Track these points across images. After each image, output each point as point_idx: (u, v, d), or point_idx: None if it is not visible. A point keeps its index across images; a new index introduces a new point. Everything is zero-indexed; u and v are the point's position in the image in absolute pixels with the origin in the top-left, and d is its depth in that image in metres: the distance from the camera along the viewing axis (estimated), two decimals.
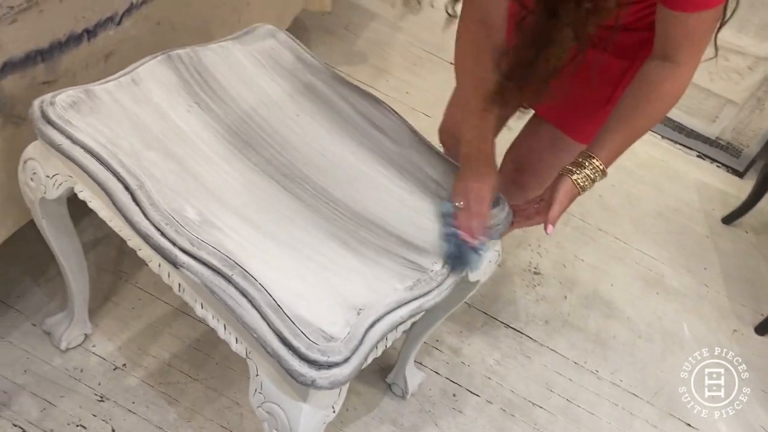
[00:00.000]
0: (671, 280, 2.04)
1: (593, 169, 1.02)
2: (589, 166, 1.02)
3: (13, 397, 1.26)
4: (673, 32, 0.94)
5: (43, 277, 1.43)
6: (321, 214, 0.95)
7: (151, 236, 0.86)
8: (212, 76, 1.08)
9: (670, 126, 2.68)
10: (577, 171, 1.02)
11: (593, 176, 1.02)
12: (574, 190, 1.02)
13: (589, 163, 1.02)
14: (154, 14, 1.20)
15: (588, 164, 1.02)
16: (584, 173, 1.02)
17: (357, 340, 0.81)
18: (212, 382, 1.38)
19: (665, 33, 0.96)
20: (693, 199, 2.42)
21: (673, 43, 0.95)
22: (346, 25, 2.50)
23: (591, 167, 1.02)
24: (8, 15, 0.89)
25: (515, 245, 1.96)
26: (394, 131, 1.13)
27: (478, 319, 1.72)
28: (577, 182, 1.02)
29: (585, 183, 1.02)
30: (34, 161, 0.98)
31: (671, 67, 0.97)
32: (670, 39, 0.95)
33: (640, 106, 1.00)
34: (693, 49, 0.95)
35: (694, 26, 0.92)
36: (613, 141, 1.02)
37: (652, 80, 0.99)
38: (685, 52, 0.95)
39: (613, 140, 1.02)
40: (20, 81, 0.98)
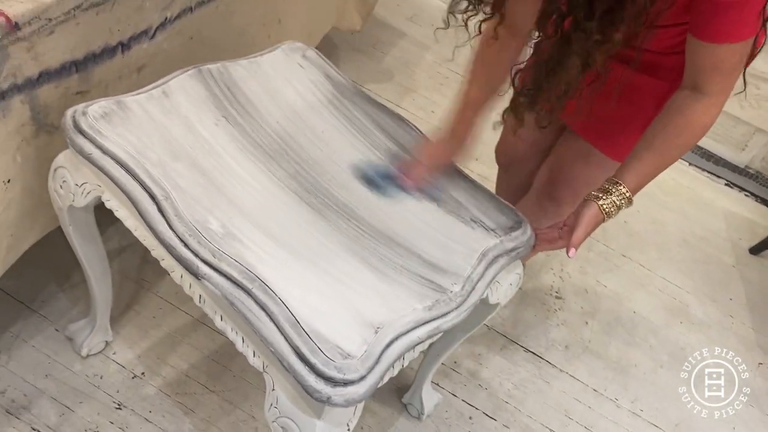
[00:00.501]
0: (696, 309, 2.01)
1: (620, 195, 1.01)
2: (616, 193, 1.01)
3: (33, 400, 1.27)
4: (702, 63, 0.94)
5: (67, 283, 1.46)
6: (342, 231, 0.96)
7: (174, 247, 0.87)
8: (241, 91, 1.10)
9: (697, 153, 2.65)
10: (603, 196, 1.02)
11: (619, 203, 1.02)
12: (599, 216, 1.02)
13: (615, 189, 1.01)
14: (187, 29, 1.22)
15: (614, 190, 1.01)
16: (610, 199, 1.01)
17: (374, 358, 0.81)
18: (228, 394, 1.38)
19: (694, 63, 0.96)
20: (720, 228, 2.38)
21: (703, 74, 0.95)
22: (375, 43, 2.53)
23: (617, 193, 1.01)
24: (46, 27, 0.92)
25: (537, 269, 1.94)
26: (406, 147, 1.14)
27: (497, 342, 1.70)
28: (602, 207, 1.01)
29: (611, 209, 1.02)
30: (64, 169, 1.00)
31: (701, 97, 0.97)
32: (699, 70, 0.95)
33: (669, 136, 1.00)
34: (722, 80, 0.95)
35: (723, 58, 0.92)
36: (640, 168, 1.02)
37: (682, 110, 0.99)
38: (715, 84, 0.95)
39: (641, 168, 1.02)
40: (55, 91, 1.01)
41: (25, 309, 1.39)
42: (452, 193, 1.09)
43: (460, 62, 2.57)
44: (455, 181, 1.11)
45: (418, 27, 2.69)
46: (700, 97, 0.96)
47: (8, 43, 0.87)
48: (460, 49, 1.07)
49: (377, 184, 1.05)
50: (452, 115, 1.13)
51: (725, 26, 0.89)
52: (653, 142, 1.01)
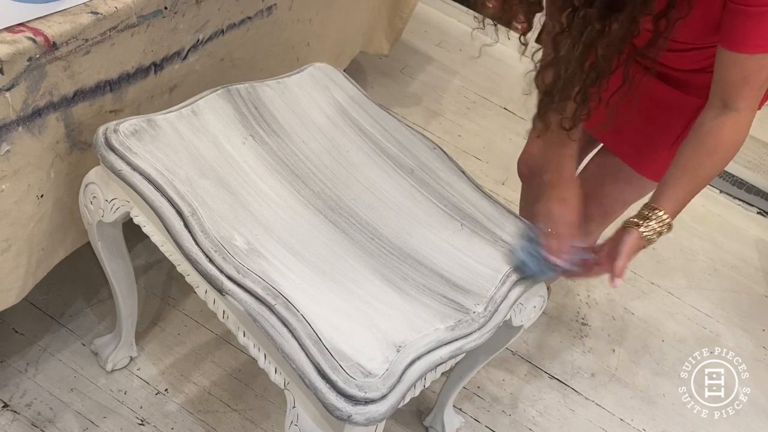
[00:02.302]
0: (727, 339, 1.96)
1: (659, 221, 0.99)
2: (655, 219, 0.99)
3: (58, 414, 1.29)
4: (731, 76, 0.93)
5: (95, 299, 1.48)
6: (365, 249, 0.96)
7: (199, 262, 0.88)
8: (268, 111, 1.12)
9: (729, 180, 2.61)
10: (643, 224, 0.99)
11: (659, 229, 0.99)
12: (641, 243, 1.00)
13: (654, 216, 0.99)
14: (218, 51, 1.25)
15: (653, 216, 0.99)
16: (651, 226, 0.99)
17: (395, 377, 0.81)
18: (250, 413, 1.38)
19: (723, 78, 0.95)
20: (752, 257, 2.33)
21: (732, 88, 0.94)
22: (402, 68, 2.55)
23: (657, 219, 0.99)
24: (83, 47, 0.95)
25: (563, 295, 1.92)
26: (443, 172, 1.14)
27: (521, 368, 1.68)
28: (643, 235, 0.99)
29: (651, 235, 0.99)
30: (95, 185, 1.02)
31: (730, 114, 0.95)
32: (728, 84, 0.94)
33: (702, 156, 0.99)
34: (751, 95, 0.94)
35: (753, 70, 0.91)
36: (676, 192, 1.00)
37: (711, 131, 0.97)
38: (743, 98, 0.94)
39: (676, 192, 1.00)
40: (89, 109, 1.03)
41: (53, 323, 1.41)
42: (475, 214, 1.08)
43: (487, 87, 2.59)
44: (479, 203, 1.11)
45: (446, 52, 2.71)
46: (729, 113, 0.95)
47: (46, 62, 0.90)
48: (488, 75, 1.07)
49: (531, 268, 1.03)
50: (556, 169, 1.09)
51: (757, 36, 0.89)
52: (686, 164, 1.00)
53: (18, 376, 1.32)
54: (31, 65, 0.88)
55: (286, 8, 1.39)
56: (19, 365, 1.34)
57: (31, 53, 0.87)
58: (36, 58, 0.88)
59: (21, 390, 1.30)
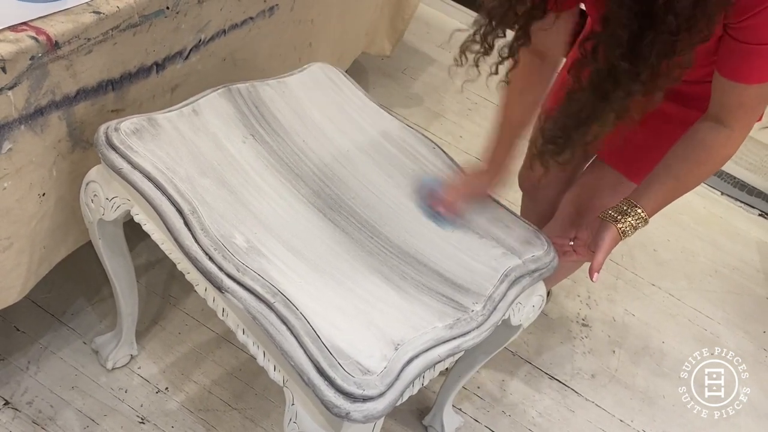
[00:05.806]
0: (727, 341, 1.96)
1: (637, 217, 1.02)
2: (633, 215, 1.02)
3: (59, 411, 1.29)
4: (728, 101, 0.95)
5: (97, 297, 1.48)
6: (364, 248, 0.97)
7: (199, 260, 0.89)
8: (268, 110, 1.12)
9: (730, 182, 2.61)
10: (621, 218, 1.03)
11: (636, 224, 1.03)
12: (618, 238, 1.03)
13: (633, 212, 1.02)
14: (220, 51, 1.25)
15: (632, 212, 1.02)
16: (628, 221, 1.02)
17: (393, 375, 0.81)
18: (250, 412, 1.39)
19: (720, 100, 0.96)
20: (753, 259, 2.33)
21: (728, 110, 0.95)
22: (404, 69, 2.55)
23: (635, 215, 1.02)
24: (85, 46, 0.95)
25: (564, 295, 1.92)
26: (443, 172, 1.14)
27: (521, 369, 1.68)
28: (620, 229, 1.03)
29: (628, 230, 1.03)
30: (96, 184, 1.03)
31: (724, 130, 0.97)
32: (724, 106, 0.95)
33: (691, 165, 1.01)
34: (746, 117, 0.95)
35: (751, 97, 0.92)
36: (658, 193, 1.03)
37: (705, 143, 0.99)
38: (738, 120, 0.96)
39: (659, 192, 1.03)
40: (91, 108, 1.04)
41: (54, 321, 1.42)
42: (475, 214, 1.09)
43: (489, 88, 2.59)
44: (478, 204, 1.11)
45: (448, 54, 2.71)
46: (723, 129, 0.97)
47: (48, 61, 0.91)
48: (492, 76, 1.08)
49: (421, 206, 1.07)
50: (489, 145, 1.14)
51: (757, 69, 0.89)
52: (674, 169, 1.02)
53: (19, 374, 1.33)
54: (34, 64, 0.89)
55: (288, 9, 1.40)
56: (21, 363, 1.34)
57: (34, 52, 0.88)
58: (38, 57, 0.89)
59: (22, 388, 1.31)
